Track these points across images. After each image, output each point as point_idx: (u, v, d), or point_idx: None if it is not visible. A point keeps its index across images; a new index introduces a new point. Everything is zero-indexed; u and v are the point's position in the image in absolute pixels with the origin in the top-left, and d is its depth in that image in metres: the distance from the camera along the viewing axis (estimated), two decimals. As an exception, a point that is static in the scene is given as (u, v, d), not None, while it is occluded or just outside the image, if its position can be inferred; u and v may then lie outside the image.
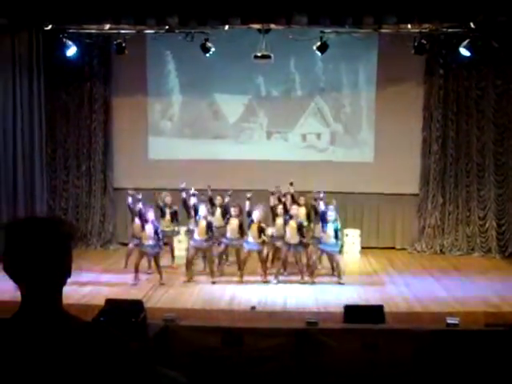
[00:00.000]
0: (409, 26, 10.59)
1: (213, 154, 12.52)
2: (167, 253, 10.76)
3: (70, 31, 10.97)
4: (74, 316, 1.76)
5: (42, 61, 11.30)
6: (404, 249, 12.62)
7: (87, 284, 9.29)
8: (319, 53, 11.02)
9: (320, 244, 9.93)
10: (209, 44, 10.78)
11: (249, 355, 5.22)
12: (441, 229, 12.47)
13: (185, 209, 10.24)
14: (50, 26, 10.84)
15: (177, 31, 10.87)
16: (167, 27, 10.66)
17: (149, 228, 9.61)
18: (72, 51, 11.02)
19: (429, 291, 9.34)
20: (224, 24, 10.48)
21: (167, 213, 10.55)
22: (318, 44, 10.85)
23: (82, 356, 1.66)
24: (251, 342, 5.32)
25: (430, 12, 10.11)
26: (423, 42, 10.75)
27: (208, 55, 10.94)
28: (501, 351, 4.98)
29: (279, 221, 10.04)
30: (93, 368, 1.66)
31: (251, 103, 12.73)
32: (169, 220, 10.57)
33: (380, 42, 11.86)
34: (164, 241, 10.18)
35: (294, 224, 9.74)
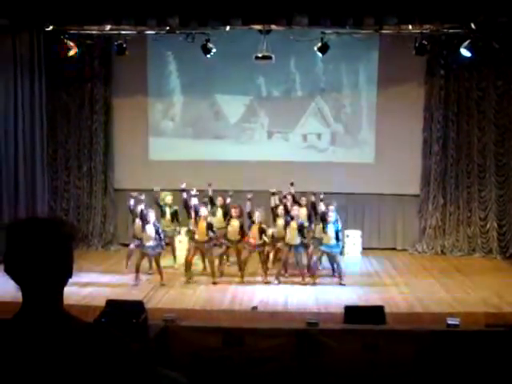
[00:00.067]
0: (410, 27, 10.60)
1: (213, 155, 12.52)
2: (168, 253, 10.77)
3: (71, 32, 10.99)
4: (75, 317, 1.76)
5: (43, 61, 11.31)
6: (405, 249, 12.62)
7: (88, 285, 9.30)
8: (320, 54, 11.02)
9: (321, 245, 9.94)
10: (210, 45, 10.79)
11: (249, 355, 5.22)
12: (442, 230, 12.47)
13: (185, 209, 10.24)
14: (51, 27, 10.86)
15: (178, 32, 10.88)
16: (168, 28, 10.67)
17: (150, 229, 9.61)
18: (73, 52, 11.02)
19: (429, 292, 9.34)
20: (225, 25, 10.50)
21: (167, 212, 10.56)
22: (319, 45, 10.85)
23: (83, 357, 1.67)
24: (252, 343, 5.32)
25: (431, 13, 10.12)
26: (424, 43, 10.75)
27: (209, 56, 10.94)
28: (501, 352, 4.98)
29: (280, 222, 10.04)
30: (94, 369, 1.66)
31: (252, 104, 12.74)
32: (169, 220, 10.58)
33: (381, 43, 11.87)
34: (166, 241, 10.18)
35: (295, 225, 9.73)
